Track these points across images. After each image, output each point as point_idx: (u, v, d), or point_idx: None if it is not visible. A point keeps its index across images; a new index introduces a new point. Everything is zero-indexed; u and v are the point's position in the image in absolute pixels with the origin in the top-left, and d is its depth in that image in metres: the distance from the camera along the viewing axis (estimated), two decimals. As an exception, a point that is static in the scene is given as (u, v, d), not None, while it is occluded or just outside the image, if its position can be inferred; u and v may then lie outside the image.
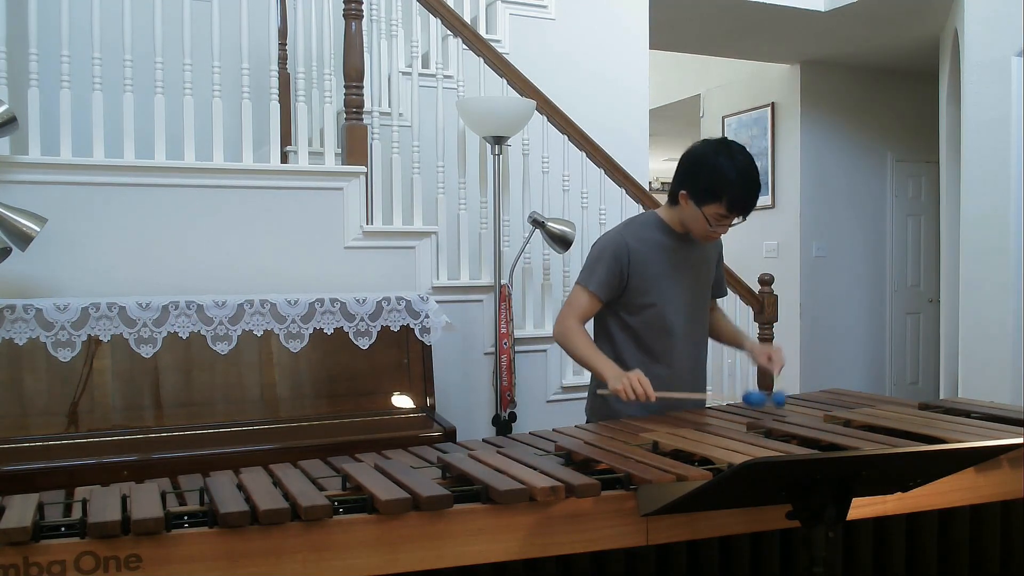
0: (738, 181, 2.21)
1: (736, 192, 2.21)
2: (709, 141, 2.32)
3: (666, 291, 2.37)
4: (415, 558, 1.46)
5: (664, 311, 2.37)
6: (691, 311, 2.43)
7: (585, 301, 2.37)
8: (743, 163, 2.24)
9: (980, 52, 4.54)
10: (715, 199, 2.22)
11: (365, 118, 3.37)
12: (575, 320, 2.38)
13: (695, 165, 2.29)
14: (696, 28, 5.74)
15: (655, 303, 2.36)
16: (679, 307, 2.40)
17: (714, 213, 2.24)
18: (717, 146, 2.27)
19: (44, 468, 2.47)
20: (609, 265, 2.34)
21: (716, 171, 2.22)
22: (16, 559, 1.29)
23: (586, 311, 2.39)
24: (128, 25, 3.05)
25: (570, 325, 2.38)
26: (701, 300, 2.48)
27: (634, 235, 2.39)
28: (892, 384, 6.87)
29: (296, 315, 2.95)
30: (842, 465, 1.38)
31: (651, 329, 2.38)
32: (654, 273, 2.36)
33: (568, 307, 2.42)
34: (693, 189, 2.26)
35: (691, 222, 2.32)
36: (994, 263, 4.45)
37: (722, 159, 2.23)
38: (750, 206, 2.26)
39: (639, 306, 2.37)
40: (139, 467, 2.48)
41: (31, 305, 2.68)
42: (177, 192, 3.06)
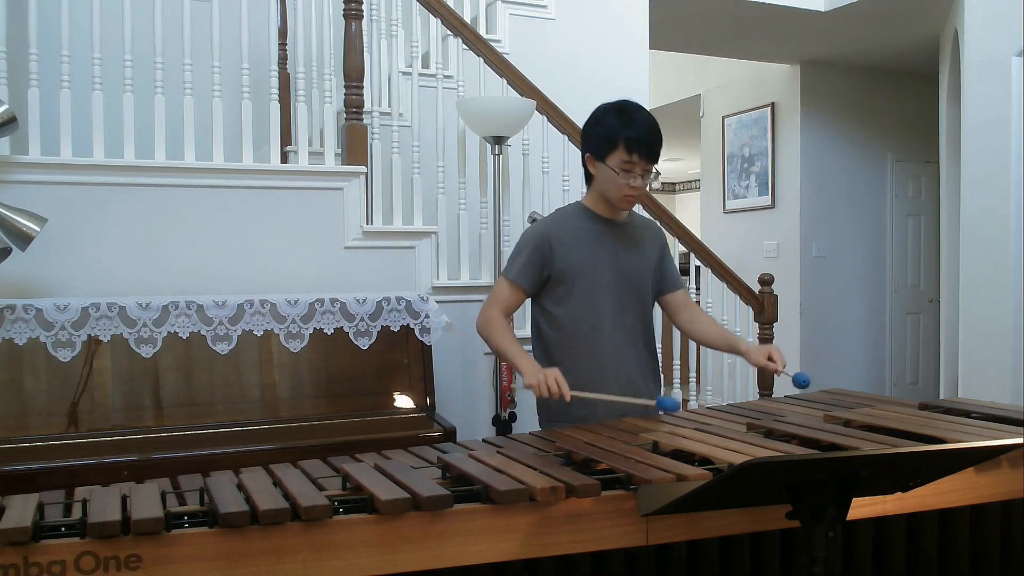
0: (631, 123, 2.22)
1: (630, 131, 2.21)
2: (603, 104, 2.34)
3: (590, 276, 2.33)
4: (415, 558, 1.46)
5: (590, 297, 2.33)
6: (622, 298, 2.37)
7: (507, 291, 2.36)
8: (636, 110, 2.26)
9: (980, 52, 4.54)
10: (612, 146, 2.23)
11: (365, 118, 3.37)
12: (497, 310, 2.36)
13: (590, 125, 2.33)
14: (696, 28, 5.74)
15: (579, 288, 2.33)
16: (607, 291, 2.34)
17: (618, 162, 2.23)
18: (608, 105, 2.31)
19: (44, 468, 2.47)
20: (529, 255, 2.33)
21: (606, 121, 2.26)
22: (16, 559, 1.29)
23: (508, 301, 2.37)
24: (128, 25, 3.05)
25: (491, 315, 2.35)
26: (636, 291, 2.41)
27: (556, 223, 2.39)
28: (892, 384, 6.87)
29: (296, 315, 2.95)
30: (842, 465, 1.38)
31: (578, 320, 2.33)
32: (577, 260, 2.33)
33: (491, 298, 2.40)
34: (593, 147, 2.29)
35: (605, 185, 2.29)
36: (994, 263, 4.45)
37: (612, 113, 2.27)
38: (651, 146, 2.24)
39: (563, 294, 2.34)
40: (139, 467, 2.48)
41: (31, 305, 2.68)
42: (177, 192, 3.06)
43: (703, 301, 4.30)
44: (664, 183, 13.27)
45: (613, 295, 2.36)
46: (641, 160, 2.23)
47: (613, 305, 2.36)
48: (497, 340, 2.33)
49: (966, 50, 4.64)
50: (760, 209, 6.88)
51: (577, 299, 2.33)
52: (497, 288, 2.41)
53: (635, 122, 2.23)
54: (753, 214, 6.96)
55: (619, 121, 2.24)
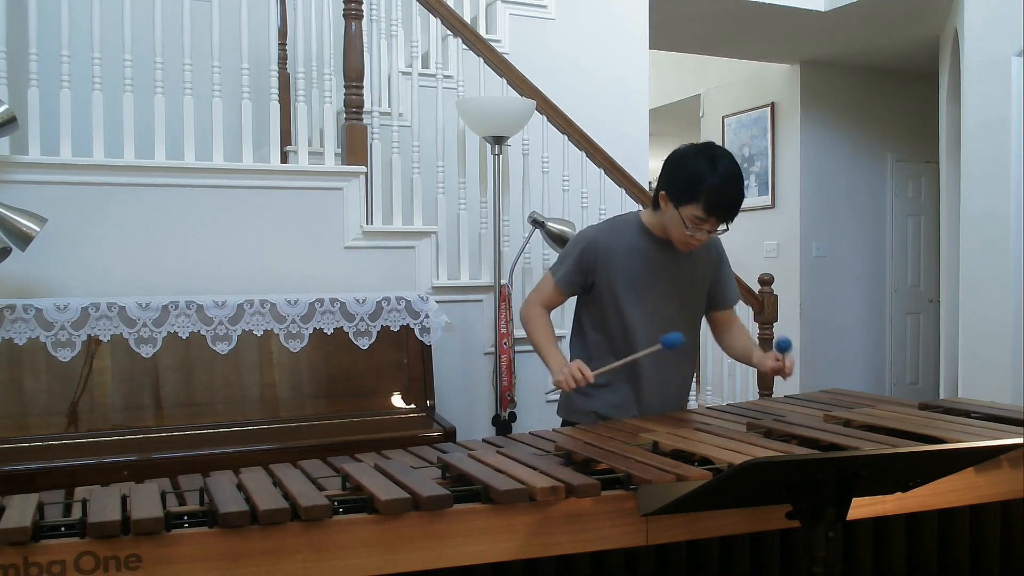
0: (717, 182, 2.13)
1: (714, 193, 2.12)
2: (695, 144, 2.25)
3: (632, 297, 2.30)
4: (415, 558, 1.46)
5: (626, 318, 2.30)
6: (662, 323, 2.30)
7: (549, 289, 2.40)
8: (725, 165, 2.15)
9: (980, 52, 4.54)
10: (692, 199, 2.14)
11: (365, 118, 3.37)
12: (539, 306, 2.41)
13: (676, 165, 2.23)
14: (696, 28, 5.74)
15: (618, 308, 2.30)
16: (646, 317, 2.31)
17: (691, 215, 2.16)
18: (700, 147, 2.21)
19: (44, 468, 2.46)
20: (577, 260, 2.32)
21: (696, 171, 2.15)
22: (16, 559, 1.29)
23: (551, 299, 2.41)
24: (128, 25, 3.05)
25: (534, 311, 2.41)
26: (681, 312, 2.37)
27: (610, 235, 2.34)
28: (892, 384, 6.87)
29: (296, 315, 2.95)
30: (842, 465, 1.38)
31: (615, 336, 2.33)
32: (623, 277, 2.29)
33: (536, 291, 2.45)
34: (672, 189, 2.20)
35: (670, 225, 2.24)
36: (994, 263, 4.45)
37: (702, 160, 2.16)
38: (730, 210, 2.16)
39: (603, 308, 2.33)
40: (139, 467, 2.47)
41: (31, 305, 2.68)
42: (177, 192, 3.06)
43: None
44: (664, 183, 13.25)
45: (655, 318, 2.31)
46: (715, 220, 2.17)
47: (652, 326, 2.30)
48: (534, 334, 2.38)
49: (966, 50, 4.64)
50: (760, 209, 6.88)
51: (615, 314, 2.32)
52: (543, 283, 2.44)
53: (721, 178, 2.12)
54: (753, 214, 6.95)
55: (707, 173, 2.13)
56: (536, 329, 2.38)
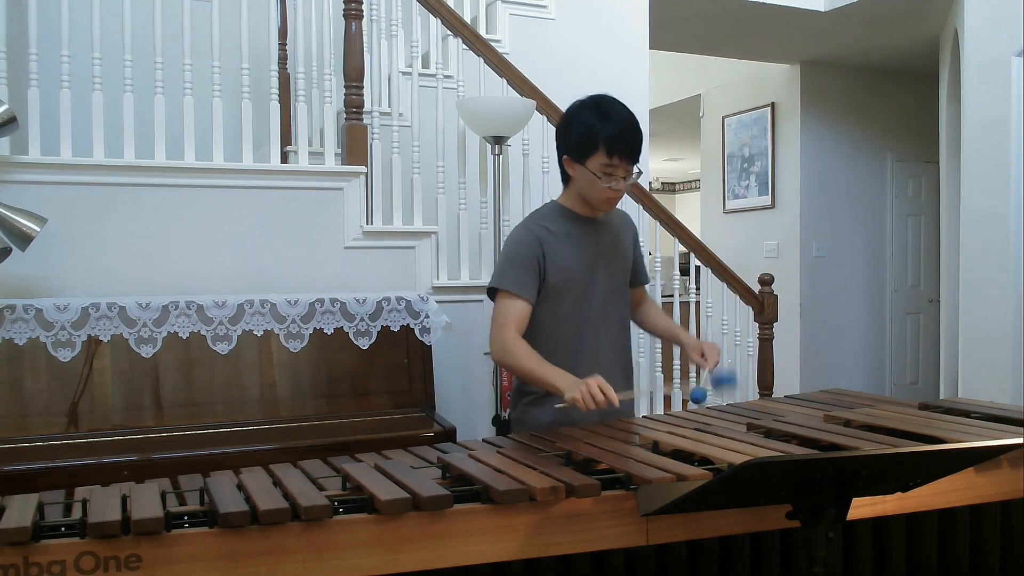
0: (609, 124, 2.10)
1: (609, 132, 2.09)
2: (577, 100, 2.21)
3: (580, 280, 2.24)
4: (415, 558, 1.46)
5: (580, 302, 2.25)
6: (608, 299, 2.30)
7: (513, 307, 2.18)
8: (613, 107, 2.14)
9: (980, 52, 4.54)
10: (592, 149, 2.12)
11: (365, 118, 3.37)
12: (511, 332, 2.17)
13: (567, 125, 2.20)
14: (696, 28, 5.75)
15: (570, 293, 2.23)
16: (595, 295, 2.27)
17: (598, 165, 2.12)
18: (584, 101, 2.19)
19: (44, 468, 2.46)
20: (525, 261, 2.20)
21: (587, 122, 2.13)
22: (16, 559, 1.29)
23: (519, 318, 2.18)
24: (128, 25, 3.05)
25: (506, 339, 2.16)
26: (618, 288, 2.34)
27: (540, 226, 2.25)
28: (892, 384, 6.87)
29: (296, 315, 2.95)
30: (842, 465, 1.38)
31: (568, 323, 2.24)
32: (566, 265, 2.22)
33: (498, 320, 2.20)
34: (571, 148, 2.17)
35: (585, 188, 2.19)
36: (994, 263, 4.45)
37: (589, 111, 2.14)
38: (631, 147, 2.13)
39: (554, 300, 2.23)
40: (139, 467, 2.47)
41: (31, 305, 2.68)
42: (177, 192, 3.06)
43: (703, 301, 4.30)
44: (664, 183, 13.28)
45: (599, 300, 2.28)
46: (623, 162, 2.13)
47: (598, 311, 2.28)
48: (523, 364, 2.15)
49: (966, 50, 4.64)
50: (760, 209, 6.88)
51: (565, 305, 2.24)
52: (501, 307, 2.21)
53: (613, 120, 2.11)
54: (753, 214, 6.96)
55: (597, 120, 2.12)
56: (519, 356, 2.15)
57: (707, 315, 4.20)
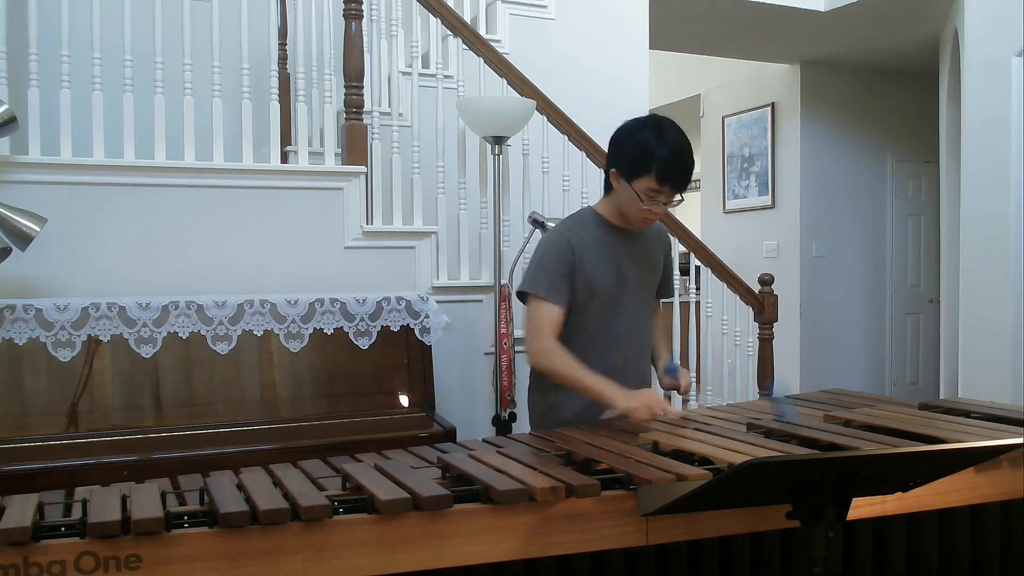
0: (666, 150, 2.11)
1: (664, 161, 2.11)
2: (638, 117, 2.24)
3: (609, 290, 2.24)
4: (415, 558, 1.46)
5: (608, 313, 2.25)
6: (637, 312, 2.31)
7: (549, 313, 2.18)
8: (672, 133, 2.15)
9: (980, 52, 4.54)
10: (644, 171, 2.12)
11: (365, 118, 3.37)
12: (550, 339, 2.17)
13: (622, 140, 2.20)
14: (696, 28, 5.75)
15: (600, 302, 2.24)
16: (624, 307, 2.27)
17: (645, 188, 2.13)
18: (645, 120, 2.20)
19: (44, 468, 2.46)
20: (557, 267, 2.20)
21: (643, 142, 2.13)
22: (16, 559, 1.29)
23: (555, 323, 2.19)
24: (128, 25, 3.05)
25: (547, 346, 2.17)
26: (646, 302, 2.37)
27: (573, 232, 2.26)
28: (892, 384, 6.87)
29: (296, 315, 2.95)
30: (842, 465, 1.38)
31: (593, 334, 2.24)
32: (599, 274, 2.23)
33: (534, 327, 2.20)
34: (622, 164, 2.18)
35: (625, 204, 2.20)
36: (994, 263, 4.45)
37: (648, 131, 2.15)
38: (682, 178, 2.14)
39: (583, 306, 2.23)
40: (139, 467, 2.47)
41: (31, 305, 2.68)
42: (177, 192, 3.06)
43: (703, 301, 4.30)
44: (664, 183, 13.26)
45: (627, 312, 2.28)
46: (671, 190, 2.15)
47: (628, 324, 2.29)
48: (566, 371, 2.15)
49: (966, 50, 4.64)
50: (760, 209, 6.88)
51: (595, 314, 2.24)
52: (535, 313, 2.20)
53: (670, 146, 2.11)
54: (753, 214, 6.95)
55: (655, 143, 2.12)
56: (561, 364, 2.15)
57: (707, 315, 4.20)
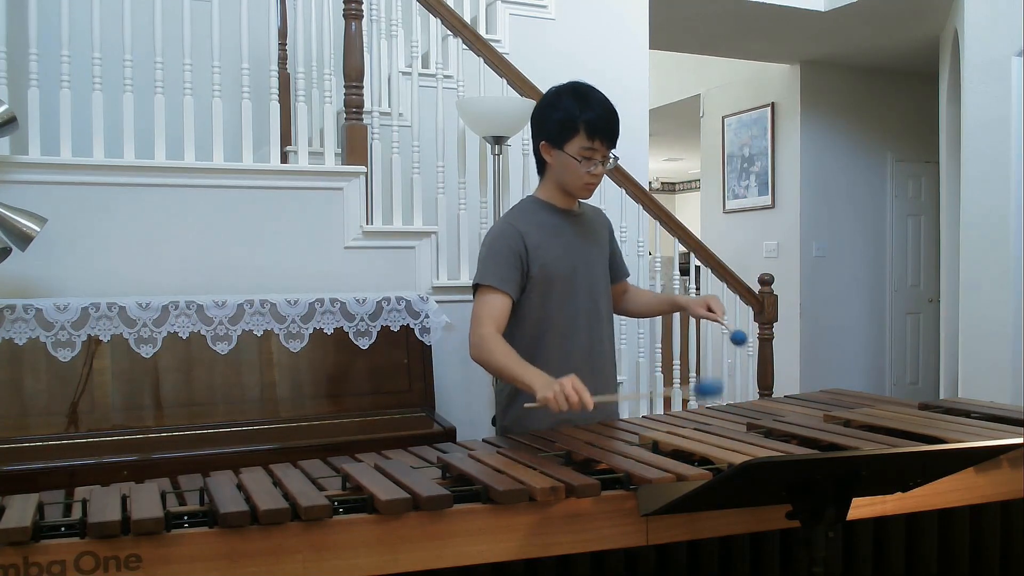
0: (588, 106, 2.11)
1: (589, 114, 2.11)
2: (553, 87, 2.22)
3: (565, 272, 2.20)
4: (415, 558, 1.46)
5: (568, 295, 2.21)
6: (595, 292, 2.28)
7: (493, 302, 2.12)
8: (592, 92, 2.15)
9: (980, 52, 4.54)
10: (572, 131, 2.12)
11: (365, 118, 3.37)
12: (489, 328, 2.10)
13: (545, 110, 2.20)
14: (696, 28, 5.75)
15: (557, 287, 2.19)
16: (582, 288, 2.24)
17: (578, 148, 2.12)
18: (560, 88, 2.19)
19: (44, 468, 2.46)
20: (506, 256, 2.15)
21: (565, 106, 2.13)
22: (16, 559, 1.29)
23: (499, 313, 2.12)
24: (128, 25, 3.05)
25: (484, 334, 2.09)
26: (602, 281, 2.32)
27: (518, 219, 2.22)
28: (892, 384, 6.88)
29: (296, 315, 2.95)
30: (842, 465, 1.38)
31: (552, 323, 2.19)
32: (552, 258, 2.18)
33: (477, 316, 2.14)
34: (550, 134, 2.17)
35: (563, 174, 2.18)
36: (994, 263, 4.45)
37: (566, 96, 2.15)
38: (611, 129, 2.13)
39: (542, 294, 2.18)
40: (139, 467, 2.47)
41: (31, 305, 2.68)
42: (177, 192, 3.06)
43: (703, 301, 4.29)
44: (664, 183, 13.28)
45: (586, 293, 2.25)
46: (602, 145, 2.13)
47: (587, 306, 2.25)
48: (497, 360, 2.06)
49: (966, 50, 4.64)
50: (760, 209, 6.88)
51: (553, 299, 2.20)
52: (481, 303, 2.15)
53: (593, 104, 2.12)
54: (753, 214, 6.96)
55: (576, 104, 2.12)
56: (495, 352, 2.06)
57: (707, 315, 4.20)
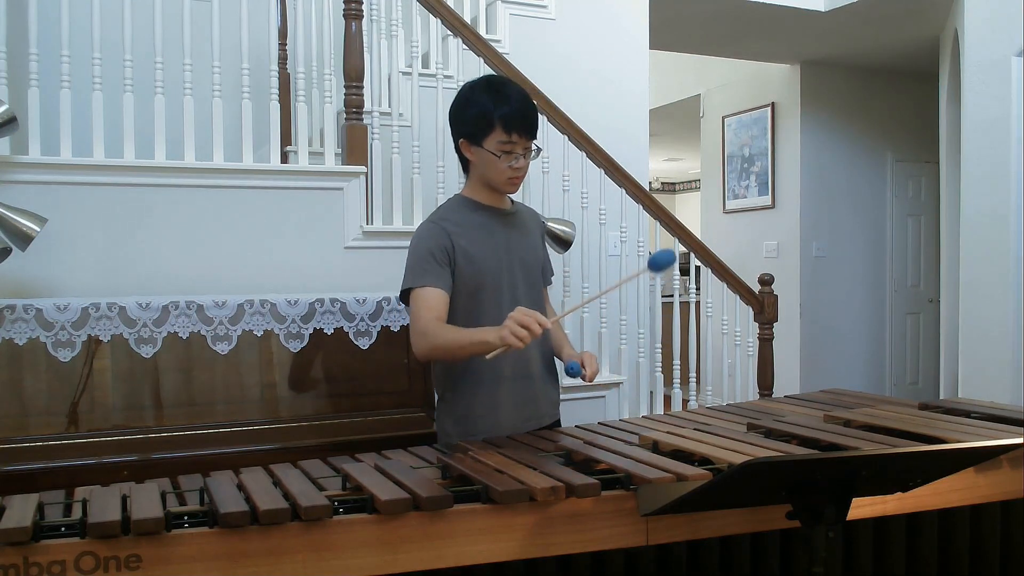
0: (502, 100, 2.05)
1: (504, 108, 2.04)
2: (467, 83, 2.17)
3: (495, 270, 2.15)
4: (415, 558, 1.46)
5: (500, 294, 2.15)
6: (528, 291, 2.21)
7: (430, 297, 2.06)
8: (506, 85, 2.11)
9: (980, 52, 4.54)
10: (489, 127, 2.06)
11: (365, 118, 3.37)
12: (427, 319, 2.04)
13: (460, 108, 2.14)
14: (696, 28, 5.75)
15: (488, 285, 2.14)
16: (515, 287, 2.18)
17: (497, 144, 2.06)
18: (473, 83, 2.15)
19: (44, 468, 2.46)
20: (434, 254, 2.09)
21: (479, 102, 2.08)
22: (16, 559, 1.29)
23: (438, 307, 2.06)
24: (128, 25, 3.05)
25: (423, 325, 2.03)
26: (536, 281, 2.27)
27: (445, 218, 2.17)
28: (892, 384, 6.88)
29: (296, 315, 2.95)
30: (842, 465, 1.38)
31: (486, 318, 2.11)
32: (481, 258, 2.13)
33: (412, 316, 2.09)
34: (467, 131, 2.12)
35: (487, 171, 2.13)
36: (994, 263, 4.45)
37: (479, 91, 2.10)
38: (527, 121, 2.07)
39: (472, 293, 2.13)
40: (139, 467, 2.47)
41: (31, 305, 2.68)
42: (177, 192, 3.06)
43: (703, 301, 4.30)
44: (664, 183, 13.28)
45: (519, 292, 2.19)
46: (521, 138, 2.08)
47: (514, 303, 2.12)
48: (446, 339, 2.01)
49: (966, 50, 4.64)
50: (760, 209, 6.88)
51: (482, 303, 2.14)
52: (416, 301, 2.08)
53: (507, 97, 2.06)
54: (753, 214, 6.96)
55: (490, 99, 2.07)
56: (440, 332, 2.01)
57: (707, 315, 4.21)
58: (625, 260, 3.91)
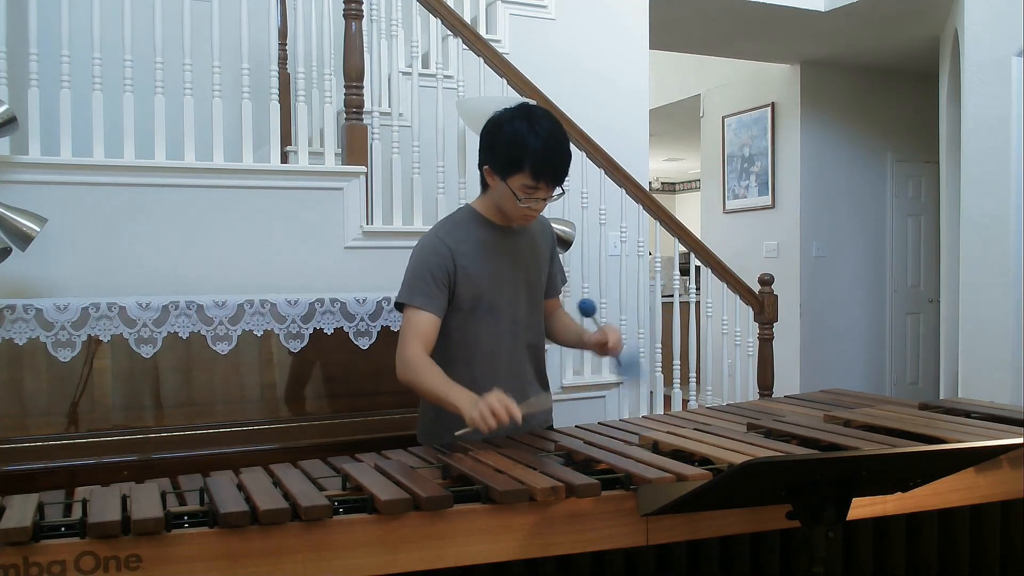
0: (538, 143, 1.97)
1: (538, 156, 1.96)
2: (508, 107, 2.07)
3: (494, 292, 2.12)
4: (415, 558, 1.46)
5: (496, 313, 2.12)
6: (527, 309, 2.19)
7: (420, 323, 2.04)
8: (544, 124, 2.00)
9: (980, 52, 4.54)
10: (517, 167, 1.98)
11: (365, 118, 3.37)
12: (416, 348, 2.02)
13: (494, 134, 2.04)
14: (696, 28, 5.75)
15: (480, 308, 2.11)
16: (513, 306, 2.15)
17: (520, 185, 2.00)
18: (515, 111, 2.04)
19: (44, 468, 2.46)
20: (434, 274, 2.06)
21: (514, 137, 1.98)
22: (16, 559, 1.29)
23: (426, 334, 2.04)
24: (128, 25, 3.05)
25: (410, 356, 2.02)
26: (536, 298, 2.23)
27: (451, 234, 2.12)
28: (892, 384, 6.87)
29: (296, 315, 2.95)
30: (842, 465, 1.38)
31: (486, 335, 2.11)
32: (480, 277, 2.09)
33: (404, 336, 2.06)
34: (494, 162, 2.03)
35: (503, 201, 2.07)
36: (994, 263, 4.45)
37: (519, 123, 1.99)
38: (557, 172, 2.01)
39: (468, 311, 2.10)
40: (139, 467, 2.47)
41: (31, 305, 2.68)
42: (177, 192, 3.06)
43: (703, 301, 4.31)
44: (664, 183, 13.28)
45: (516, 311, 2.16)
46: (546, 187, 2.02)
47: (517, 322, 2.17)
48: (425, 383, 2.00)
49: (966, 50, 4.64)
50: (760, 209, 6.88)
51: (478, 320, 2.11)
52: (406, 322, 2.07)
53: (543, 139, 1.97)
54: (753, 214, 6.96)
55: (526, 137, 1.97)
56: (422, 373, 2.00)
57: (707, 315, 4.21)
58: (625, 260, 3.91)
